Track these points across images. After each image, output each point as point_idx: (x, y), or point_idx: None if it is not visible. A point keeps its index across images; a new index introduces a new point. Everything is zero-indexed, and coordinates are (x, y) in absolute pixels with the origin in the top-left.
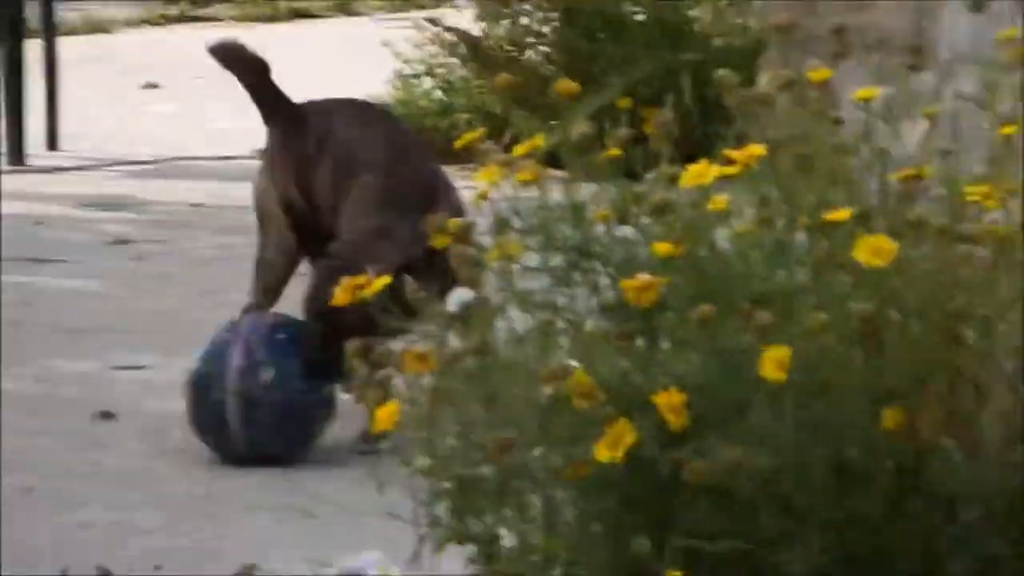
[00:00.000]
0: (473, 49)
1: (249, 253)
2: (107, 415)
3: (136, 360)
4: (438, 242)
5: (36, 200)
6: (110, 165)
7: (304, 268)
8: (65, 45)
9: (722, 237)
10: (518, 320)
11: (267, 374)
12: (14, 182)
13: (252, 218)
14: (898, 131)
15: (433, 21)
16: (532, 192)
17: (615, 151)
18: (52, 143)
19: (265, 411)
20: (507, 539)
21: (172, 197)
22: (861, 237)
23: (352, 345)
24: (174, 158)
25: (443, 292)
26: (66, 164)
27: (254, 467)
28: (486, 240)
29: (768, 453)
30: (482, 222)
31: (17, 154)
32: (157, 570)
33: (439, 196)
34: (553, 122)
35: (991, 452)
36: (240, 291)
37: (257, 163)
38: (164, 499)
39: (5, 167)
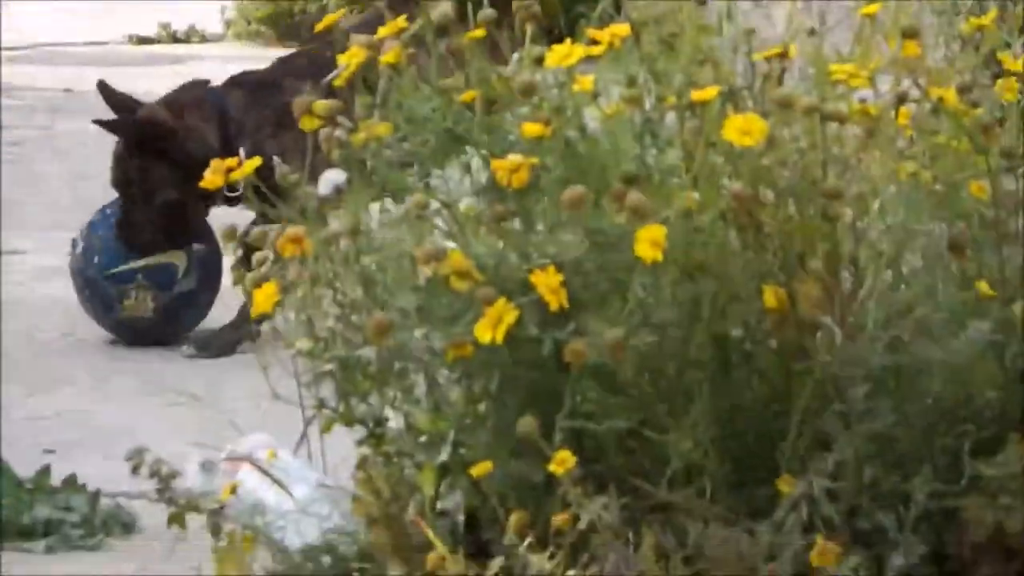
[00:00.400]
0: None
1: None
2: None
3: (15, 246)
4: (306, 124)
5: None
6: None
7: None
8: None
9: (591, 118)
10: (391, 203)
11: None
12: None
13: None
14: (769, 14)
15: None
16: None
17: (480, 31)
18: None
19: (100, 289)
20: (393, 420)
21: (42, 83)
22: (730, 117)
23: (225, 228)
24: (44, 44)
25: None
26: None
27: (143, 351)
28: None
29: (648, 333)
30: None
31: None
32: (48, 454)
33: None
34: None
35: (871, 329)
36: None
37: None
38: (54, 383)
39: None
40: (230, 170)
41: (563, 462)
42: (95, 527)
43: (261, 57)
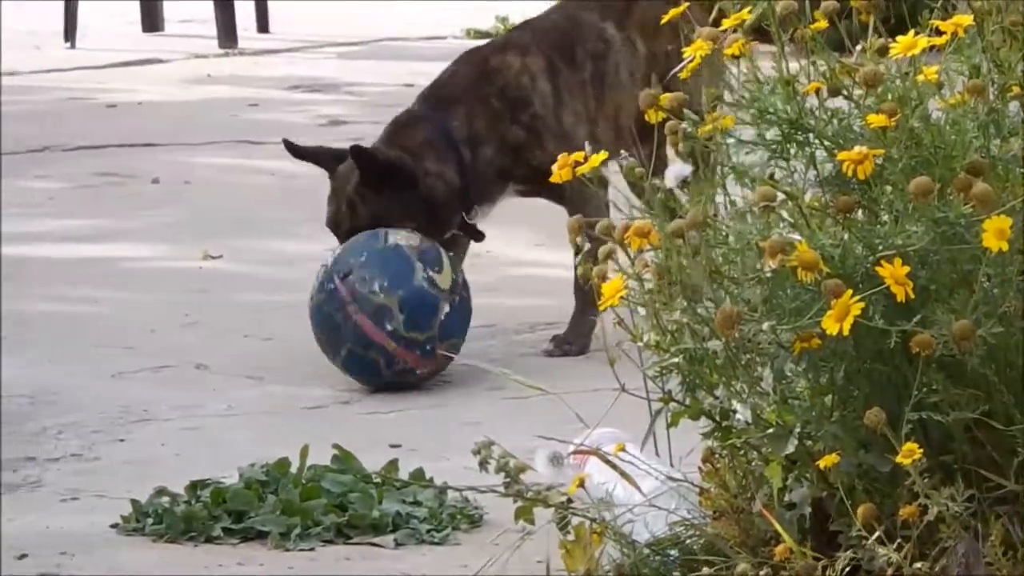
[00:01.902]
0: None
1: None
2: None
3: None
4: (651, 117)
5: (247, 82)
6: (319, 47)
7: None
8: None
9: (934, 108)
10: (736, 194)
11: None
12: (226, 65)
13: None
14: None
15: None
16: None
17: (822, 23)
18: (263, 26)
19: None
20: (740, 413)
21: (382, 78)
22: None
23: (571, 221)
24: (382, 39)
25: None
26: (276, 47)
27: (486, 345)
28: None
29: (994, 323)
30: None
31: (228, 37)
32: (394, 448)
33: None
34: None
35: None
36: None
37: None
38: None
39: (217, 50)
40: (577, 163)
41: (910, 453)
42: (443, 521)
43: None
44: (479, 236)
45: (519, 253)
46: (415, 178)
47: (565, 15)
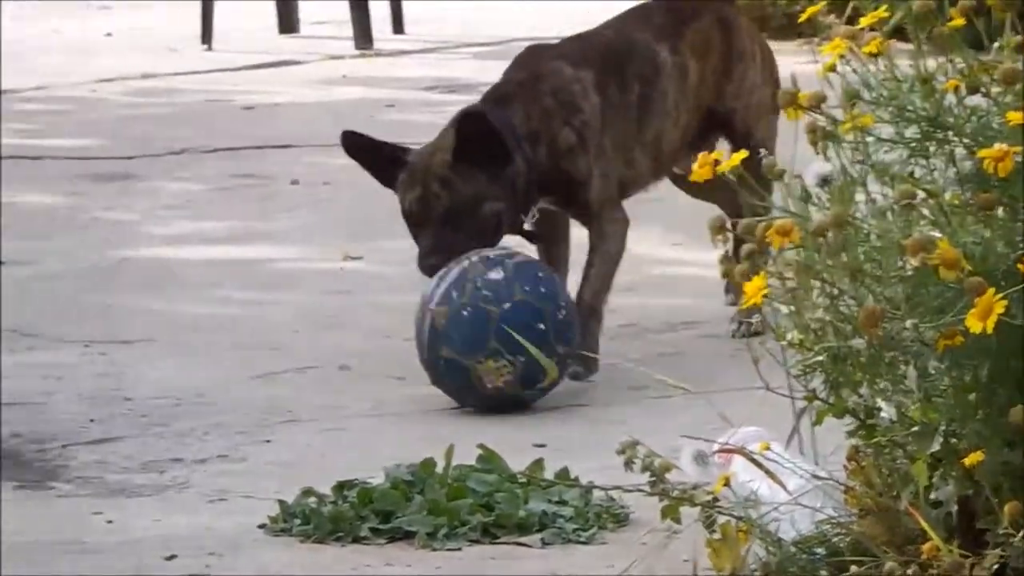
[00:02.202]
0: None
1: None
2: None
3: None
4: (791, 115)
5: (383, 83)
6: (455, 47)
7: None
8: None
9: None
10: (876, 192)
11: None
12: (361, 66)
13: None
14: None
15: None
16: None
17: (959, 21)
18: (398, 27)
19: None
20: (884, 411)
21: None
22: None
23: (713, 220)
24: (518, 39)
25: None
26: (411, 47)
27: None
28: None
29: None
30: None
31: (364, 38)
32: (538, 448)
33: None
34: None
35: None
36: None
37: None
38: None
39: (353, 51)
40: (717, 163)
41: None
42: (589, 520)
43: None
44: (534, 237)
45: (658, 252)
46: (510, 155)
47: (619, 33)
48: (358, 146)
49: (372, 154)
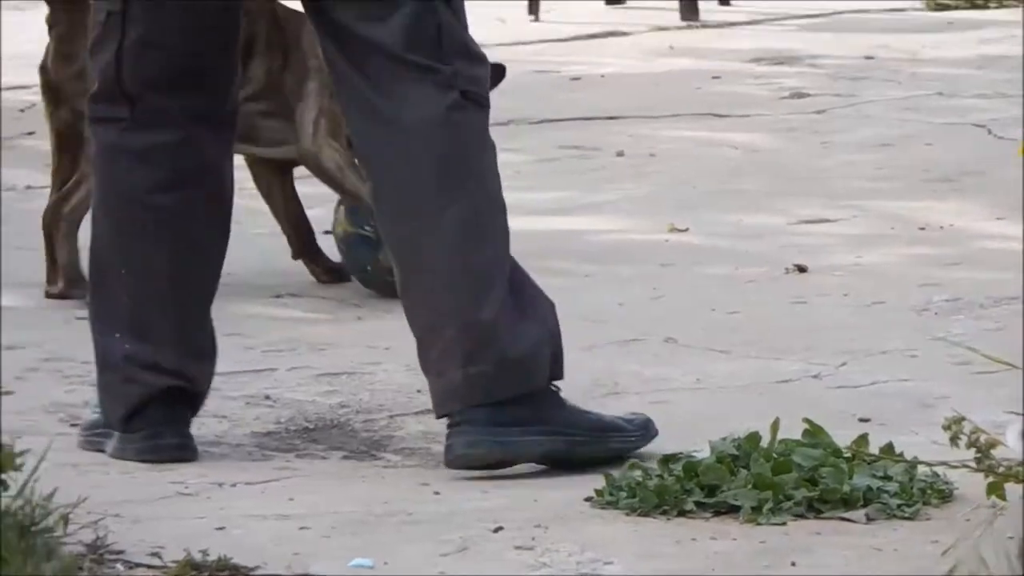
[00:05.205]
0: None
1: (934, 106)
2: (801, 268)
3: (821, 215)
4: None
5: (709, 55)
6: (781, 19)
7: None
8: None
9: None
10: None
11: None
12: (688, 37)
13: (929, 69)
14: None
15: None
16: None
17: None
18: None
19: None
20: None
21: (843, 51)
22: None
23: None
24: (843, 12)
25: None
26: (738, 19)
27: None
28: None
29: None
30: None
31: (690, 10)
32: (863, 423)
33: None
34: None
35: None
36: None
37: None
38: (866, 353)
39: (679, 23)
40: None
41: None
42: (913, 496)
43: None
44: None
45: (980, 226)
46: None
47: None
48: None
49: None
